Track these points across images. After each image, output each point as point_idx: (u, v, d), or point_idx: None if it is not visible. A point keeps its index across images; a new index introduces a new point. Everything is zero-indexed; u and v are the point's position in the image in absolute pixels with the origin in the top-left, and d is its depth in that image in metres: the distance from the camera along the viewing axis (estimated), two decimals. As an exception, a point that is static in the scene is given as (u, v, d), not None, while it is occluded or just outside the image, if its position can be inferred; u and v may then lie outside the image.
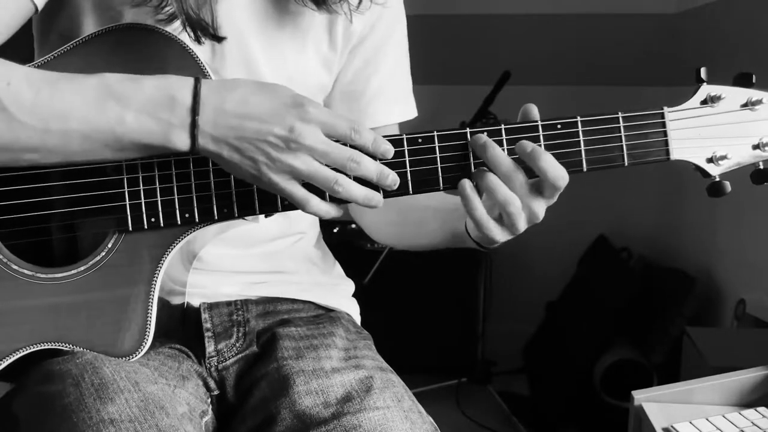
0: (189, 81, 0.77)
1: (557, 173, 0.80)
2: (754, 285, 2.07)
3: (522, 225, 0.83)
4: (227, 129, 0.76)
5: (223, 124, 0.76)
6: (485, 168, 0.83)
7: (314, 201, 0.80)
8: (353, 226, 2.71)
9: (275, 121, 0.76)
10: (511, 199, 0.81)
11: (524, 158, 0.81)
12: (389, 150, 0.81)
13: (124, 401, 0.75)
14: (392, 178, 0.81)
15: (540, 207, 0.83)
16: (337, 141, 0.79)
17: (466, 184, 0.82)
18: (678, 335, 2.08)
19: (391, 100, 1.06)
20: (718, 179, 0.86)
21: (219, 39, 0.88)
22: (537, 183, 0.82)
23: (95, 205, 0.83)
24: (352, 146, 0.80)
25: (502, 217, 0.83)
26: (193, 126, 0.76)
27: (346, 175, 0.80)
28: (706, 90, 0.85)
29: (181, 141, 0.77)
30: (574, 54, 2.86)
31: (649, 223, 2.86)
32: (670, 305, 2.29)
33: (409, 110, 1.08)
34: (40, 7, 0.84)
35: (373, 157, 0.81)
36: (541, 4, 2.87)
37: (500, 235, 0.84)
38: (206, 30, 0.87)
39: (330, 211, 0.82)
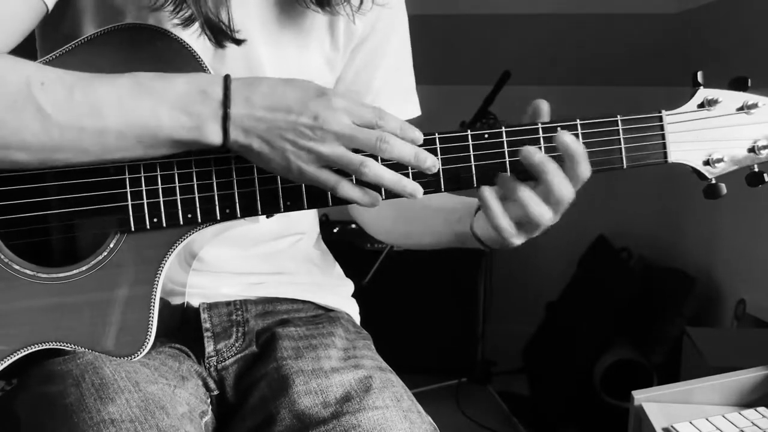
0: (219, 77, 0.79)
1: (586, 174, 0.81)
2: (754, 285, 2.08)
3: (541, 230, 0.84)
4: (256, 121, 0.77)
5: (252, 116, 0.77)
6: (511, 176, 0.82)
7: (345, 184, 0.80)
8: (353, 226, 2.71)
9: (301, 110, 0.77)
10: (544, 214, 0.80)
11: (567, 157, 0.80)
12: (418, 137, 0.80)
13: (124, 401, 0.75)
14: (431, 161, 0.80)
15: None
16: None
17: (486, 192, 0.81)
18: (678, 335, 2.08)
19: (393, 99, 1.06)
20: (714, 181, 0.87)
21: (239, 41, 0.88)
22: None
23: (97, 205, 0.83)
24: None
25: (523, 225, 0.83)
26: (225, 119, 0.77)
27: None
28: (703, 93, 0.86)
29: (213, 134, 0.78)
30: (574, 54, 2.86)
31: (649, 223, 2.86)
32: (670, 305, 2.29)
33: (411, 109, 1.08)
34: (50, 8, 0.84)
35: None
36: (541, 4, 2.87)
37: (518, 240, 0.84)
38: (225, 33, 0.87)
39: (363, 197, 0.81)
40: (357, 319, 1.10)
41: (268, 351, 0.95)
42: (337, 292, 1.10)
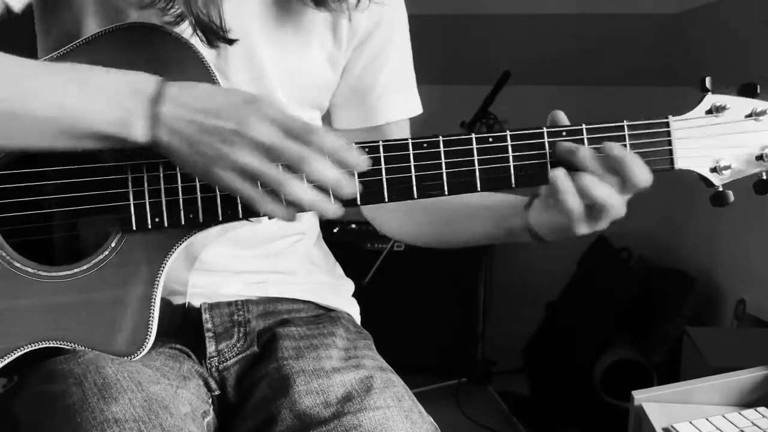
0: (155, 77, 0.78)
1: (645, 177, 0.82)
2: (754, 285, 2.07)
3: (608, 221, 0.84)
4: (183, 122, 0.76)
5: (180, 116, 0.76)
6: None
7: (266, 202, 0.78)
8: (353, 226, 2.71)
9: (227, 116, 0.76)
10: (609, 192, 0.81)
11: (613, 160, 0.81)
12: (361, 163, 0.79)
13: (127, 401, 0.75)
14: (349, 190, 0.79)
15: (624, 202, 0.84)
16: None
17: (561, 173, 0.81)
18: (678, 335, 2.08)
19: (399, 95, 1.06)
20: (721, 189, 0.86)
21: (230, 41, 0.88)
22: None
23: (99, 204, 0.83)
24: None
25: (592, 212, 0.83)
26: (154, 118, 0.76)
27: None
28: (711, 99, 0.85)
29: (139, 131, 0.77)
30: (574, 54, 2.86)
31: (649, 223, 2.85)
32: (670, 305, 2.29)
33: (415, 105, 1.09)
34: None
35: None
36: (541, 4, 2.87)
37: (585, 229, 0.85)
38: (217, 33, 0.86)
39: (286, 214, 0.80)
40: (358, 319, 1.10)
41: (269, 351, 0.95)
42: (337, 292, 1.10)
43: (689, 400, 1.18)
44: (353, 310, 1.10)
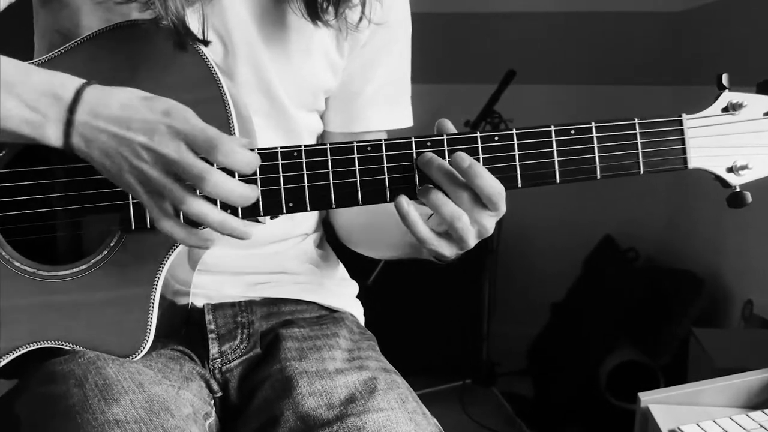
0: (77, 81, 0.77)
1: (493, 190, 0.78)
2: (761, 286, 2.07)
3: (472, 240, 0.81)
4: (98, 132, 0.76)
5: (95, 126, 0.76)
6: (430, 185, 0.81)
7: (164, 222, 0.77)
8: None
9: (140, 128, 0.75)
10: (458, 215, 0.79)
11: (460, 173, 0.79)
12: (246, 166, 0.76)
13: (128, 402, 0.75)
14: (254, 195, 0.77)
15: (488, 220, 0.81)
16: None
17: (403, 201, 0.80)
18: (684, 336, 2.07)
19: (386, 106, 1.05)
20: (738, 189, 0.84)
21: (205, 43, 0.85)
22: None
23: (98, 203, 0.83)
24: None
25: (450, 233, 0.81)
26: (68, 124, 0.76)
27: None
28: (727, 97, 0.83)
29: (54, 136, 0.77)
30: (578, 52, 2.85)
31: (655, 223, 2.85)
32: (676, 306, 2.28)
33: (401, 118, 1.07)
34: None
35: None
36: (545, 3, 2.86)
37: (448, 250, 0.82)
38: (189, 34, 0.84)
39: (186, 238, 0.78)
40: (361, 320, 1.10)
41: (272, 352, 0.94)
42: (341, 292, 1.09)
43: (696, 402, 1.17)
44: (357, 310, 1.10)
